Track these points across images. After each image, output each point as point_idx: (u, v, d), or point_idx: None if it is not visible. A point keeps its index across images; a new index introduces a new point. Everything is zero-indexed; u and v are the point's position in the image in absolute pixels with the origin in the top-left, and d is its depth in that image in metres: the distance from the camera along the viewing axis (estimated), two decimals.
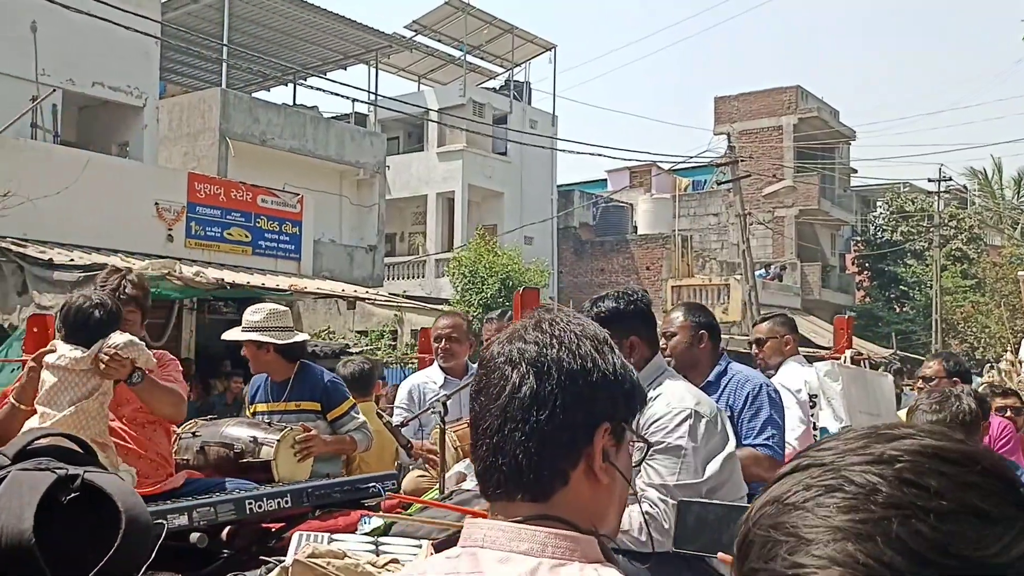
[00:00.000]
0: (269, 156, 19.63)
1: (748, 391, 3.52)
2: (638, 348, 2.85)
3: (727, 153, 25.09)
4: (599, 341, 1.23)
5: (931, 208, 33.31)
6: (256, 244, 13.98)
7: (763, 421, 3.47)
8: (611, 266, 30.92)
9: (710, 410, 2.69)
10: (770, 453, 3.43)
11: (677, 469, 2.55)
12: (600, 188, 35.85)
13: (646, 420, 2.60)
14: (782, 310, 30.28)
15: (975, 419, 3.07)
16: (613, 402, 1.20)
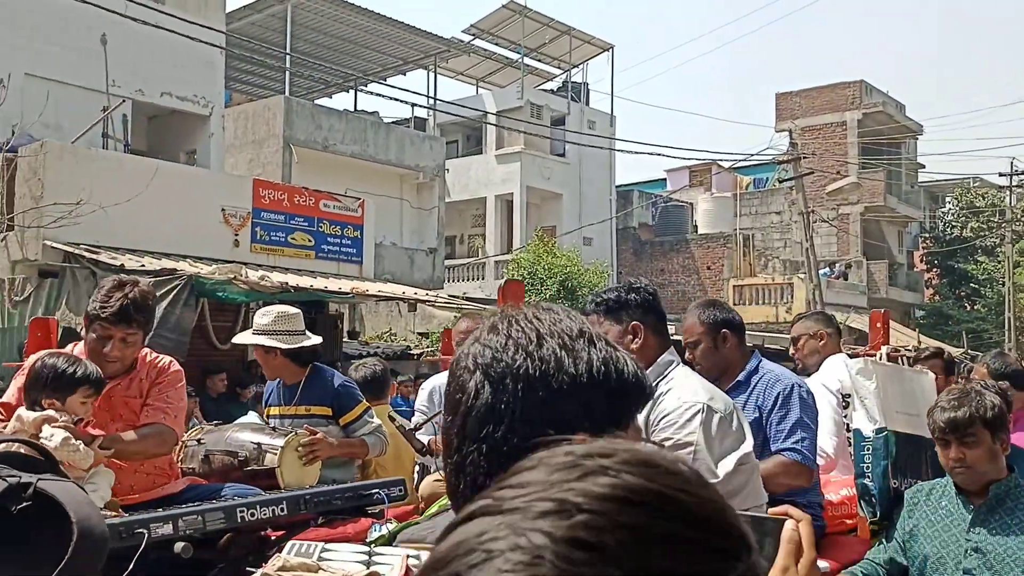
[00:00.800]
0: (331, 161, 19.94)
1: (779, 391, 3.30)
2: (642, 334, 2.71)
3: (789, 150, 24.69)
4: (570, 337, 1.04)
5: (1002, 203, 32.32)
6: (319, 248, 14.19)
7: (792, 423, 3.25)
8: (671, 266, 30.69)
9: (724, 406, 2.54)
10: (799, 458, 3.19)
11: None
12: (659, 188, 35.60)
13: (656, 416, 2.50)
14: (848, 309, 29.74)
15: (999, 415, 2.83)
16: (588, 407, 1.01)
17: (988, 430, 2.79)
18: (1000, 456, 2.84)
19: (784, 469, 3.16)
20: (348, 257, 14.70)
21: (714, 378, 3.21)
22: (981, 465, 2.80)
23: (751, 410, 3.30)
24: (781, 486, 3.10)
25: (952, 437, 2.82)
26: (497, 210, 27.39)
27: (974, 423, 2.78)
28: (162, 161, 13.24)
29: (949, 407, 2.84)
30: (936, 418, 2.86)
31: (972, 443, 2.79)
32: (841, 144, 32.35)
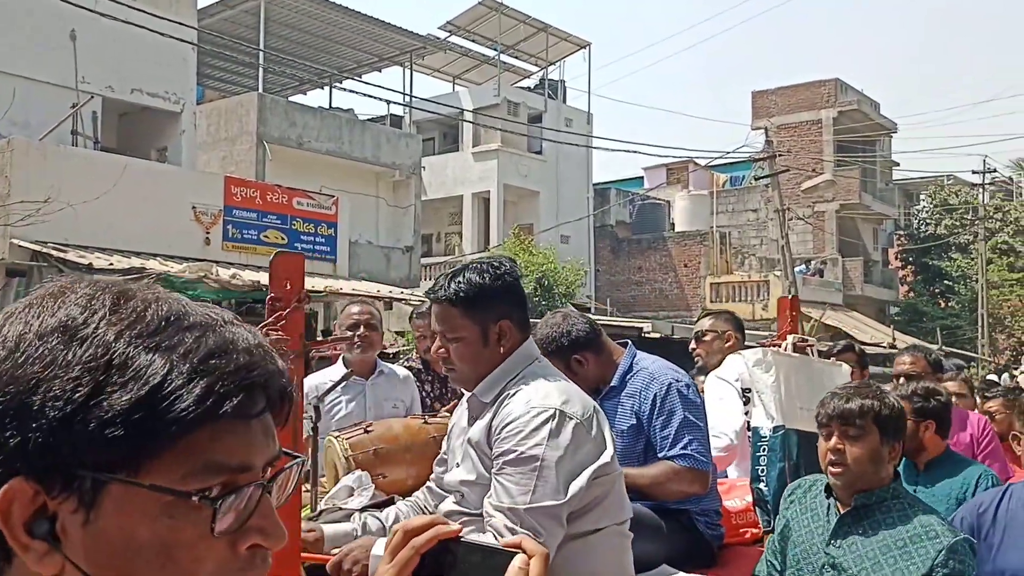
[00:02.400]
0: (306, 159, 19.78)
1: (655, 393, 2.95)
2: (509, 335, 2.26)
3: (765, 148, 24.80)
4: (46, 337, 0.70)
5: (976, 201, 32.67)
6: (292, 246, 14.08)
7: (677, 427, 2.91)
8: (648, 264, 30.74)
9: (583, 411, 2.16)
10: (690, 464, 2.89)
11: (531, 487, 2.05)
12: (636, 186, 35.65)
13: (499, 422, 2.15)
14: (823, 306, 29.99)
15: (897, 418, 2.52)
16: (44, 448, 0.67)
17: (878, 428, 2.47)
18: (885, 464, 2.49)
19: (676, 476, 2.88)
20: (322, 255, 14.61)
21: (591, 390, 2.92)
22: (860, 465, 2.46)
23: (627, 416, 2.98)
24: (674, 494, 2.89)
25: (835, 426, 2.50)
26: (474, 208, 27.31)
27: (864, 416, 2.47)
28: (132, 158, 13.09)
29: (843, 395, 2.54)
30: (825, 405, 2.55)
31: (856, 437, 2.46)
32: (816, 142, 32.54)
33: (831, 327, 27.42)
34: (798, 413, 3.16)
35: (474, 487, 2.27)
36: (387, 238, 21.66)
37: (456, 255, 26.45)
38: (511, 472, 2.07)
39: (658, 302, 29.68)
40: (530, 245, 21.94)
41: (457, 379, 2.38)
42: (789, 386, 3.17)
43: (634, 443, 2.98)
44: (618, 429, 2.93)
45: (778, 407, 3.12)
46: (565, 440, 2.08)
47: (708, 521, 3.03)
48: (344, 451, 3.21)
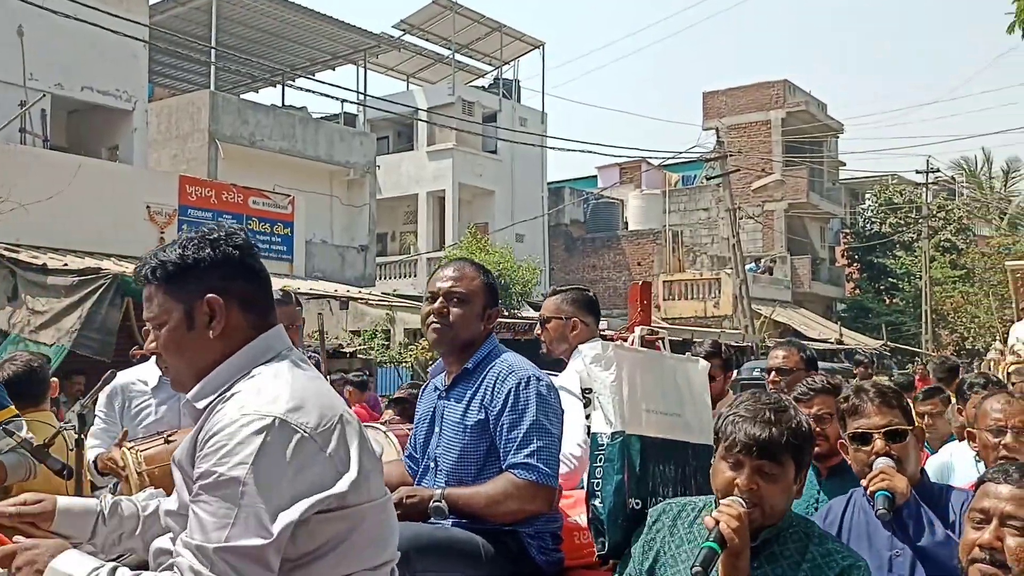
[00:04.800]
0: (259, 157, 19.63)
1: (510, 388, 2.63)
2: (221, 315, 1.80)
3: (716, 148, 25.20)
4: None
5: (919, 200, 33.51)
6: None
7: (526, 430, 2.57)
8: (602, 262, 31.02)
9: (318, 421, 1.69)
10: (532, 478, 2.54)
11: (229, 520, 1.59)
12: (590, 185, 35.93)
13: (205, 433, 1.68)
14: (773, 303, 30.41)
15: (809, 444, 2.16)
16: None
17: (795, 462, 2.10)
18: (791, 496, 2.14)
19: (514, 492, 2.53)
20: (278, 255, 14.55)
21: (447, 351, 2.75)
22: (773, 505, 2.08)
23: (476, 409, 2.67)
24: (513, 513, 2.55)
25: (750, 460, 2.06)
26: (429, 207, 27.31)
27: (787, 449, 2.07)
28: (84, 157, 12.90)
29: (758, 419, 2.08)
30: (735, 429, 2.09)
31: (774, 477, 2.07)
32: (766, 142, 33.12)
33: (780, 323, 27.96)
34: (643, 417, 2.75)
35: (179, 519, 1.85)
36: (342, 237, 21.59)
37: (411, 254, 26.44)
38: (207, 500, 1.61)
39: (612, 300, 29.95)
40: (486, 244, 22.02)
41: (173, 381, 1.90)
42: (633, 385, 2.78)
43: (477, 443, 2.66)
44: (463, 424, 2.67)
45: (618, 410, 2.72)
46: (282, 458, 1.62)
47: (543, 545, 2.68)
48: (137, 465, 2.86)
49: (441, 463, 2.71)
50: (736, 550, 2.00)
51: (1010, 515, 1.98)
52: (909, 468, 2.49)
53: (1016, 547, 1.94)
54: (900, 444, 2.50)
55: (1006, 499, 2.00)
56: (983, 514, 2.02)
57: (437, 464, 2.72)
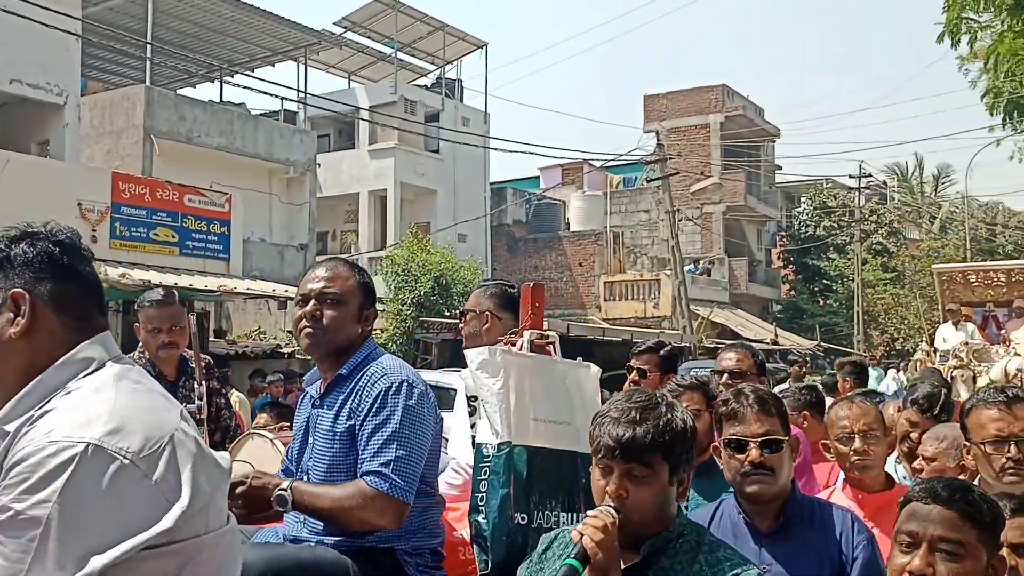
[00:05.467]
0: (196, 154, 19.30)
1: (378, 392, 2.48)
2: (31, 314, 1.56)
3: (656, 151, 25.51)
4: None
5: (852, 204, 34.35)
6: (183, 244, 13.78)
7: (387, 437, 2.41)
8: (544, 263, 31.16)
9: (143, 444, 1.44)
10: (383, 488, 2.35)
11: (24, 566, 1.34)
12: (533, 186, 36.07)
13: (8, 461, 1.43)
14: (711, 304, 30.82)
15: (687, 442, 1.97)
16: None
17: (667, 463, 1.92)
18: (672, 503, 1.98)
19: (362, 500, 2.36)
20: (214, 254, 14.33)
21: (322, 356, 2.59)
22: (644, 510, 1.91)
23: (344, 416, 2.52)
24: (360, 524, 2.39)
25: (619, 463, 1.90)
26: (370, 206, 27.14)
27: (655, 449, 1.90)
28: (13, 152, 12.55)
29: (623, 420, 1.91)
30: (601, 432, 1.94)
31: (644, 480, 1.91)
32: (705, 146, 33.63)
33: (718, 324, 28.42)
34: (531, 427, 2.60)
35: None
36: (281, 236, 21.34)
37: (352, 253, 26.25)
38: (3, 541, 1.37)
39: (553, 300, 30.12)
40: (427, 244, 21.96)
41: None
42: (522, 393, 2.62)
43: (347, 452, 2.50)
44: (332, 432, 2.53)
45: (505, 419, 2.55)
46: (95, 492, 1.38)
47: (421, 563, 2.52)
48: None
49: (312, 475, 2.55)
50: (601, 566, 1.81)
51: (941, 538, 1.84)
52: (781, 479, 2.41)
53: (947, 573, 1.82)
54: (775, 454, 2.41)
55: (936, 522, 1.86)
56: (911, 537, 1.88)
57: (308, 477, 2.56)
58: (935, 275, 13.09)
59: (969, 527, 1.84)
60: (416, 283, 20.34)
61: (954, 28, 12.19)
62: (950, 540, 1.83)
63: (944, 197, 43.82)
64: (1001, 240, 40.05)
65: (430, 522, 2.59)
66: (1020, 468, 2.48)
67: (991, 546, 1.87)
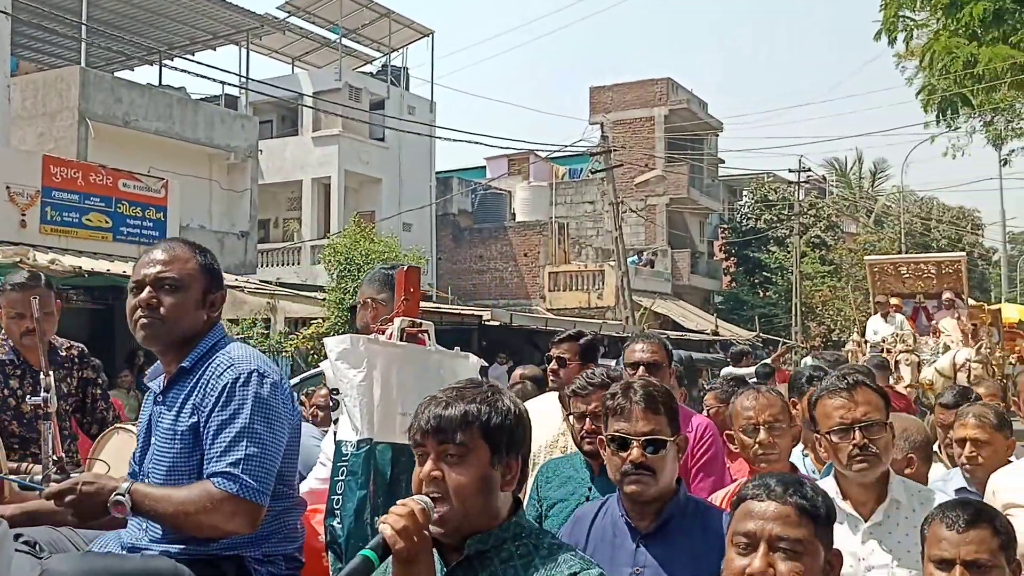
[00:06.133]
0: (133, 138, 18.87)
1: (224, 384, 2.26)
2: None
3: (601, 143, 25.65)
4: None
5: (792, 197, 34.96)
6: (117, 230, 13.45)
7: (235, 435, 2.20)
8: (489, 253, 31.15)
9: None
10: (232, 489, 2.15)
11: None
12: (479, 175, 36.02)
13: None
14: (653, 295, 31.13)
15: (511, 430, 1.80)
16: None
17: (489, 447, 1.76)
18: (497, 494, 1.78)
19: (209, 503, 2.14)
20: (150, 240, 13.97)
21: (162, 349, 2.37)
22: (464, 498, 1.73)
23: (187, 413, 2.29)
24: (208, 529, 2.17)
25: (433, 444, 1.76)
26: (314, 194, 26.83)
27: (470, 427, 1.75)
28: None
29: (441, 399, 1.79)
30: (418, 415, 1.81)
31: (459, 461, 1.74)
32: (649, 138, 33.90)
33: (660, 315, 28.73)
34: (398, 422, 2.40)
35: None
36: (221, 223, 20.99)
37: (295, 241, 25.94)
38: None
39: (499, 290, 30.16)
40: (371, 233, 21.76)
41: None
42: (388, 385, 2.41)
43: (190, 452, 2.28)
44: (173, 430, 2.31)
45: (366, 415, 2.36)
46: None
47: (275, 571, 2.31)
48: None
49: (152, 478, 2.32)
50: (405, 557, 1.65)
51: (779, 537, 1.74)
52: (662, 480, 2.30)
53: (788, 572, 1.72)
54: (657, 455, 2.30)
55: (772, 519, 1.75)
56: (748, 538, 1.76)
57: (149, 480, 2.33)
58: (867, 267, 13.35)
59: (806, 523, 1.76)
60: (359, 272, 20.16)
61: (891, 26, 12.44)
62: (789, 538, 1.73)
63: (880, 192, 44.89)
64: (935, 234, 41.20)
65: (286, 526, 2.35)
66: (867, 454, 2.43)
67: (826, 542, 1.80)
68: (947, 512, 2.09)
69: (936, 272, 12.02)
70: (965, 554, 2.00)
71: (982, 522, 2.04)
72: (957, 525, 2.04)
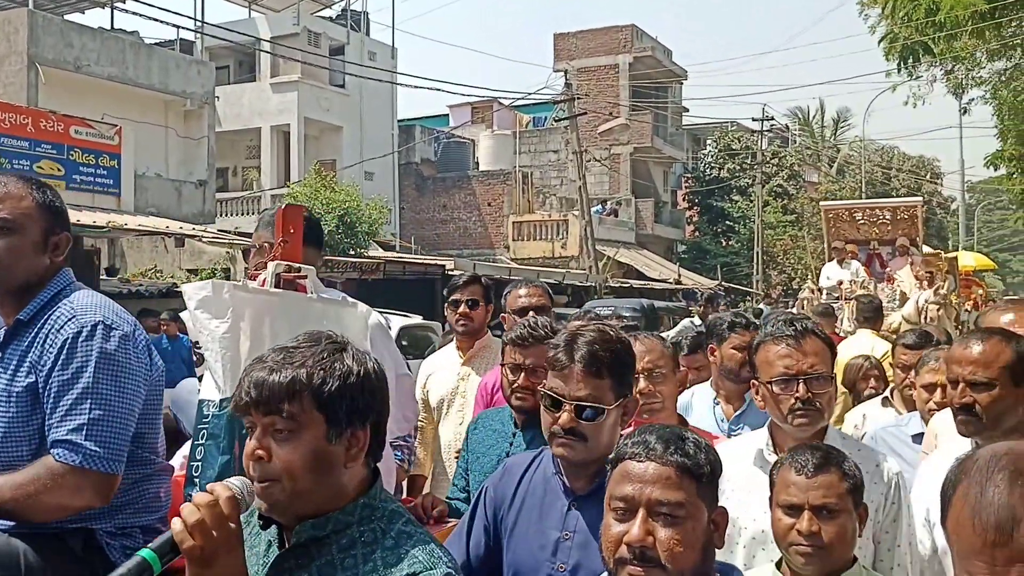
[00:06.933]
0: (85, 84, 18.36)
1: (64, 339, 2.02)
2: None
3: (564, 90, 25.45)
4: None
5: (756, 146, 35.08)
6: (70, 178, 13.16)
7: (76, 397, 1.97)
8: (453, 202, 30.97)
9: None
10: (74, 460, 1.93)
11: None
12: (442, 124, 35.64)
13: None
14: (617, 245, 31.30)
15: (354, 394, 1.54)
16: None
17: (325, 418, 1.51)
18: (340, 471, 1.53)
19: (52, 482, 1.91)
20: (104, 188, 13.76)
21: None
22: (296, 477, 1.49)
23: (25, 372, 2.05)
24: (55, 509, 1.94)
25: (259, 416, 1.51)
26: (273, 141, 26.39)
27: (296, 398, 1.50)
28: None
29: (269, 360, 1.54)
30: (241, 380, 1.55)
31: (287, 436, 1.49)
32: (613, 86, 33.70)
33: (623, 264, 28.87)
34: None
35: None
36: (178, 171, 20.60)
37: (254, 190, 25.57)
38: None
39: (462, 240, 30.06)
40: (332, 182, 21.52)
41: None
42: (259, 338, 2.12)
43: (28, 416, 2.03)
44: (8, 392, 2.05)
45: (231, 371, 2.08)
46: None
47: (131, 544, 2.05)
48: None
49: None
50: (199, 556, 1.40)
51: (658, 501, 1.56)
52: (597, 448, 2.02)
53: (667, 539, 1.55)
54: (592, 423, 2.03)
55: (651, 482, 1.58)
56: (626, 502, 1.59)
57: None
58: (822, 212, 13.29)
59: (688, 483, 1.58)
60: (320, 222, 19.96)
61: None
62: (669, 502, 1.56)
63: (843, 141, 45.19)
64: (895, 183, 41.65)
65: (146, 494, 2.11)
66: (809, 409, 2.27)
67: (710, 500, 1.63)
68: (796, 457, 2.04)
69: (891, 218, 12.01)
70: (813, 499, 1.98)
71: (831, 466, 2.01)
72: (806, 470, 2.00)
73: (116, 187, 13.94)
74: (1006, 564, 1.12)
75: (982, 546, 1.14)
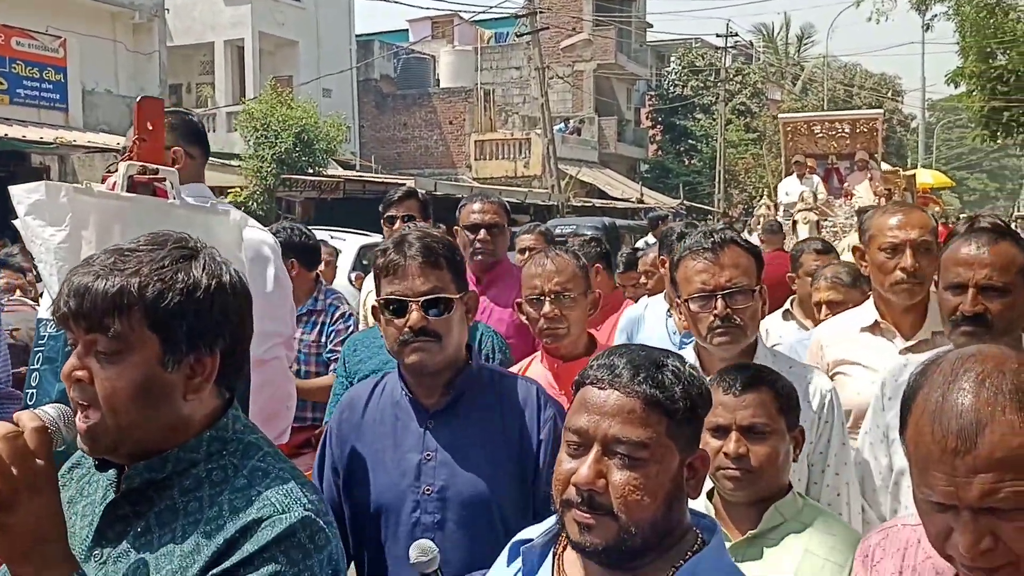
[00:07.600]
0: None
1: None
2: None
3: (526, 4, 24.92)
4: None
5: (719, 63, 34.80)
6: (13, 92, 12.72)
7: None
8: (414, 120, 30.50)
9: None
10: None
11: None
12: (401, 39, 34.84)
13: None
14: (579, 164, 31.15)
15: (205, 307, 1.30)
16: None
17: (160, 338, 1.28)
18: (177, 409, 1.31)
19: None
20: (50, 103, 13.34)
21: None
22: (115, 412, 1.26)
23: None
24: None
25: (80, 331, 1.28)
26: (227, 57, 25.62)
27: (125, 313, 1.25)
28: None
29: (97, 264, 1.29)
30: (62, 287, 1.32)
31: (108, 359, 1.26)
32: (576, 1, 33.05)
33: (586, 183, 28.78)
34: None
35: None
36: (129, 87, 19.95)
37: (209, 107, 24.92)
38: None
39: (424, 159, 29.71)
40: (288, 98, 21.01)
41: None
42: (99, 240, 1.88)
43: None
44: None
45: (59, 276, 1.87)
46: None
47: None
48: None
49: None
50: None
51: (615, 438, 1.31)
52: (450, 347, 1.96)
53: (622, 484, 1.29)
54: (442, 318, 1.94)
55: (609, 414, 1.31)
56: (580, 436, 1.33)
57: None
58: (780, 126, 13.07)
59: (657, 419, 1.31)
60: (276, 139, 19.56)
61: None
62: (629, 440, 1.30)
63: (807, 58, 44.98)
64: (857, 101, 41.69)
65: None
66: (729, 326, 2.13)
67: (685, 442, 1.35)
68: (724, 375, 1.92)
69: (850, 131, 11.86)
70: (741, 419, 1.85)
71: (762, 385, 1.88)
72: (734, 388, 1.88)
73: (63, 102, 13.51)
74: (968, 474, 1.02)
75: (941, 454, 1.03)
